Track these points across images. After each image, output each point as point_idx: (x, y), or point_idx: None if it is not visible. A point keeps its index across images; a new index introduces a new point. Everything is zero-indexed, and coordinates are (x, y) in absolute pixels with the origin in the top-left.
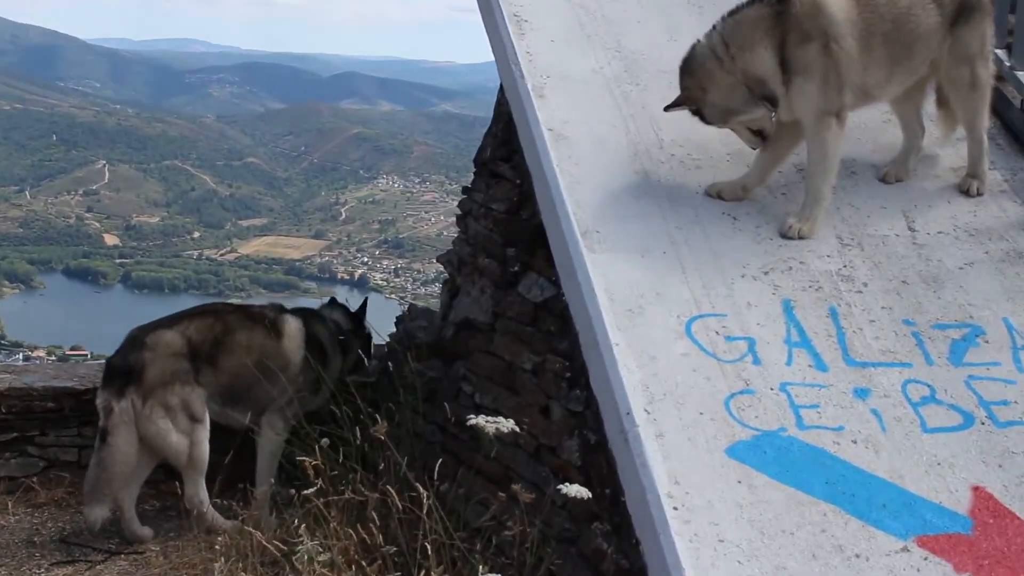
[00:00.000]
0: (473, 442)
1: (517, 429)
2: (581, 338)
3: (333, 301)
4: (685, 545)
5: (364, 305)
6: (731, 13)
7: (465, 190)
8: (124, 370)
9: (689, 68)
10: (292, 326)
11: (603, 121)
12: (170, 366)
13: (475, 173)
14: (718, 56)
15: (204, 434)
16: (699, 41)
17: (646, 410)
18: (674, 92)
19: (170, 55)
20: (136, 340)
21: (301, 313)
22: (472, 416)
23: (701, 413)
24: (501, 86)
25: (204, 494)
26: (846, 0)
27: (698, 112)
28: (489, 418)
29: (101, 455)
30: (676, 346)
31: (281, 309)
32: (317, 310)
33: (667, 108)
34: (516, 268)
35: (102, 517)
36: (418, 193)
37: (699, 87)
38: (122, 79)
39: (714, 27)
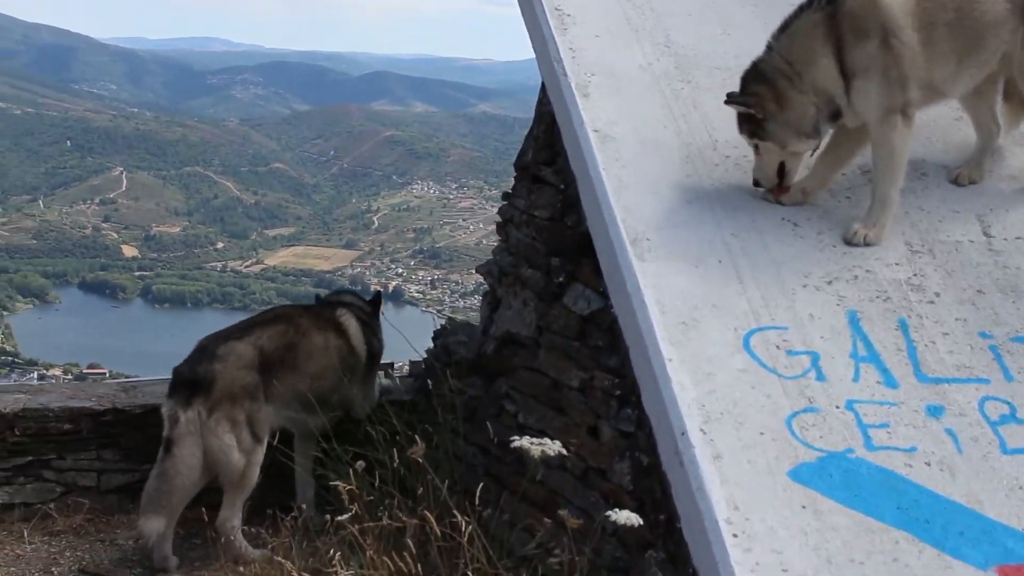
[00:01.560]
0: (517, 465)
1: (564, 451)
2: (632, 353)
3: (345, 290)
4: (746, 574)
5: (378, 296)
6: (782, 29)
7: (505, 196)
8: (192, 380)
9: (763, 77)
10: (350, 320)
11: (652, 121)
12: (240, 379)
13: (516, 178)
14: (787, 76)
15: (261, 455)
16: (762, 59)
17: (702, 430)
18: (729, 89)
19: (190, 54)
20: (207, 350)
21: (342, 306)
22: (516, 437)
23: (761, 433)
24: (543, 85)
25: (239, 520)
26: None
27: (757, 124)
28: (534, 440)
29: (164, 466)
30: (734, 361)
31: (325, 305)
32: (345, 300)
33: (729, 100)
34: (561, 279)
35: (157, 531)
36: (455, 199)
37: (774, 100)
38: (139, 80)
39: (770, 48)
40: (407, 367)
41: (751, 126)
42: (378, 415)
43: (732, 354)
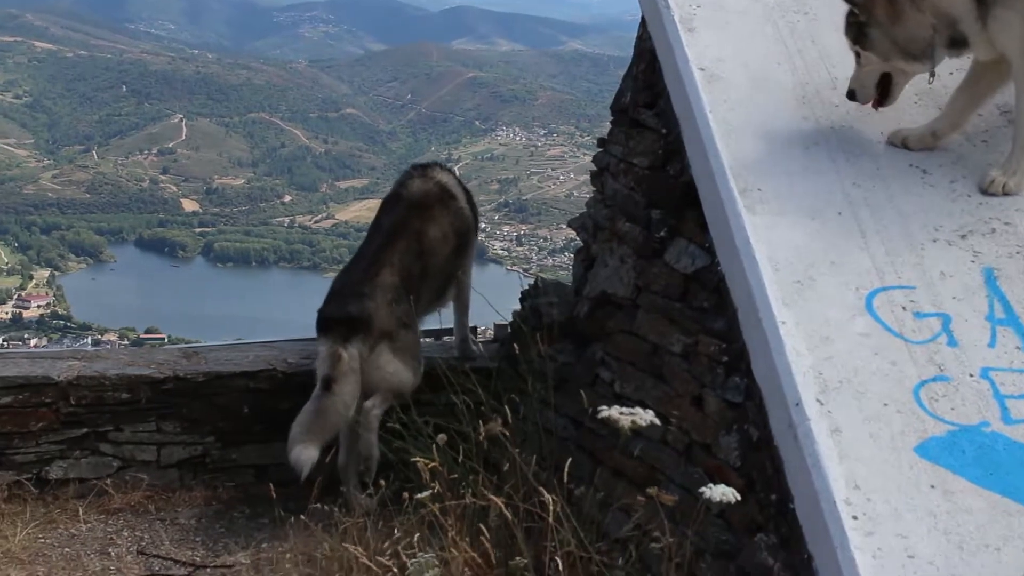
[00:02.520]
0: (612, 438)
1: (657, 422)
2: (740, 316)
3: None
4: (867, 561)
5: None
6: None
7: (601, 143)
8: (347, 320)
9: None
10: (452, 181)
11: (765, 58)
12: (394, 312)
13: (612, 122)
14: None
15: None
16: None
17: (819, 400)
18: None
19: None
20: (354, 289)
21: (439, 168)
22: (605, 408)
23: (885, 404)
24: (643, 19)
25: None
26: None
27: (860, 29)
28: (625, 409)
29: (324, 403)
30: (854, 324)
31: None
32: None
33: None
34: (662, 233)
35: (312, 459)
36: (543, 147)
37: (885, 7)
38: (200, 19)
39: None
40: (491, 331)
41: (854, 30)
42: (460, 383)
43: (853, 316)
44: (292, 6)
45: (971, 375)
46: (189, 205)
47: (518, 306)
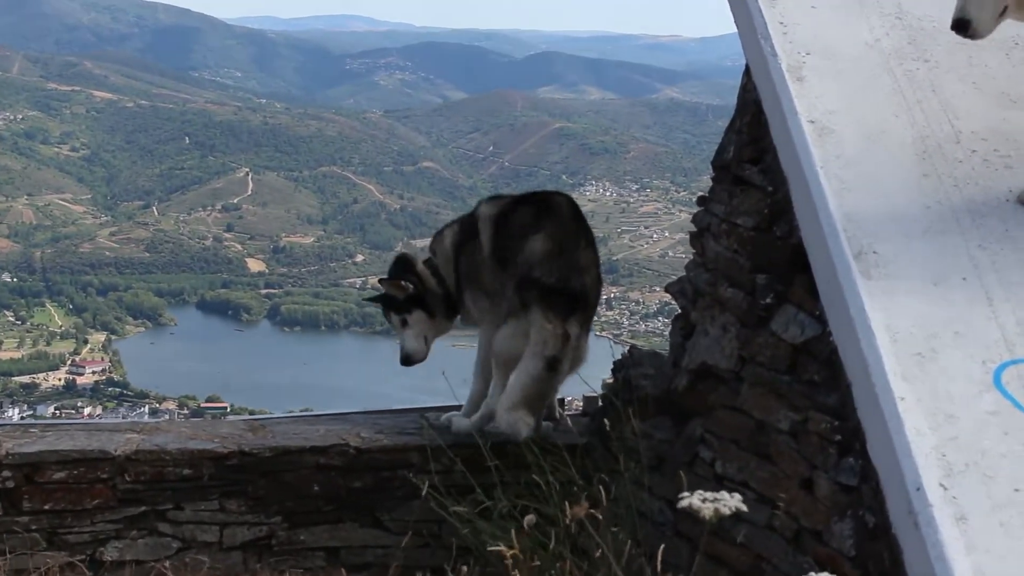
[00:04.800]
0: (713, 523)
1: (744, 508)
2: (855, 391)
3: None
4: None
5: None
6: None
7: (701, 201)
8: (570, 295)
9: None
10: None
11: (881, 109)
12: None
13: (713, 179)
14: None
15: None
16: None
17: (942, 485)
18: (976, 71)
19: (327, 36)
20: (571, 262)
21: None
22: (686, 494)
23: (1016, 490)
24: (747, 67)
25: None
26: None
27: None
28: (709, 495)
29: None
30: (981, 401)
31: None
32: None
33: None
34: (769, 300)
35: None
36: (636, 203)
37: None
38: (269, 67)
39: None
40: (579, 403)
41: None
42: (547, 461)
43: (980, 392)
44: (366, 52)
45: None
46: (255, 265)
47: (607, 375)
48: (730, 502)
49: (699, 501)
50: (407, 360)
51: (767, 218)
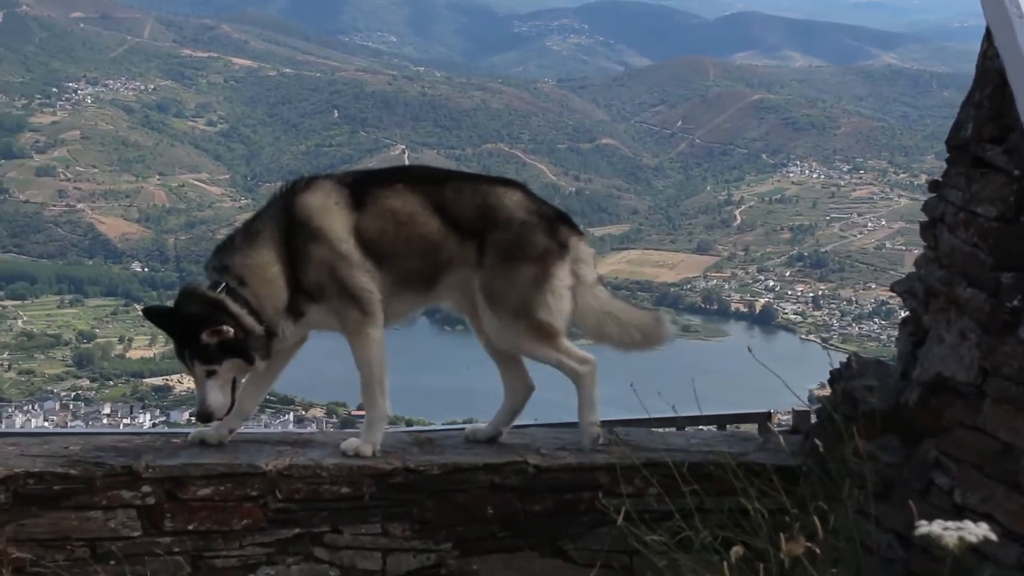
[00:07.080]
0: (953, 561)
1: (993, 537)
2: None
3: None
4: None
5: None
6: None
7: (933, 186)
8: None
9: None
10: None
11: None
12: None
13: (948, 160)
14: None
15: None
16: None
17: None
18: None
19: None
20: None
21: None
22: (925, 522)
23: None
24: (987, 31)
25: None
26: None
27: None
28: (951, 523)
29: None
30: None
31: None
32: None
33: None
34: (1016, 302)
35: None
36: (847, 187)
37: None
38: (427, 31)
39: None
40: (790, 418)
41: None
42: (754, 485)
43: None
44: (537, 13)
45: None
46: None
47: (814, 384)
48: (976, 530)
49: (940, 529)
50: (207, 417)
51: (1013, 206)
